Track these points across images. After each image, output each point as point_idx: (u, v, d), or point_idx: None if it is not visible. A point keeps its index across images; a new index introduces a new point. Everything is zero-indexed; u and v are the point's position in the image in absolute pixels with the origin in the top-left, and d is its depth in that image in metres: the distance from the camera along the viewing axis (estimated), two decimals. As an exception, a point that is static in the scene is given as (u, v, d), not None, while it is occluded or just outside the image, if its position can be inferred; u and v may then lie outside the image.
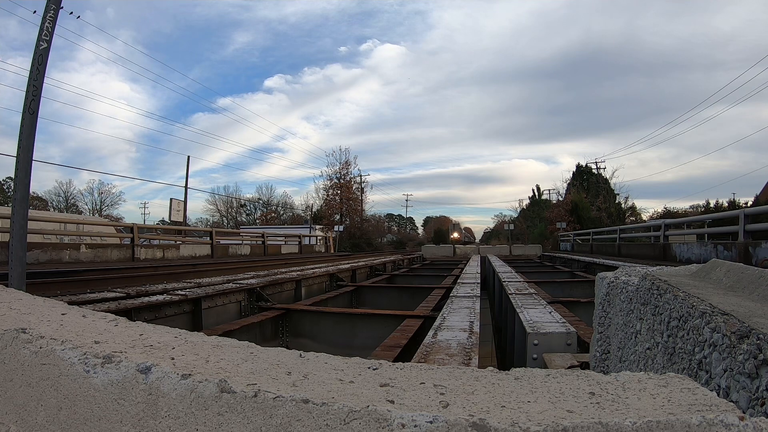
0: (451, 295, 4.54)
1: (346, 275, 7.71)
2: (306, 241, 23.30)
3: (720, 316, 0.82)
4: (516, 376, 0.69)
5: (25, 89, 2.58)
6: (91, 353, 0.75)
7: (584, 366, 2.12)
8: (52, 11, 2.53)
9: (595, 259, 10.11)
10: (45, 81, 2.75)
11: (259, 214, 48.97)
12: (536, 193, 47.08)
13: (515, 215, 50.74)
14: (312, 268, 7.57)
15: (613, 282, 1.53)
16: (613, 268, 1.91)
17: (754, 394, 0.69)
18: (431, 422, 0.53)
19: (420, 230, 64.80)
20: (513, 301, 3.97)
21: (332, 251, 25.73)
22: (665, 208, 35.30)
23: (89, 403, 0.71)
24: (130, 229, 12.67)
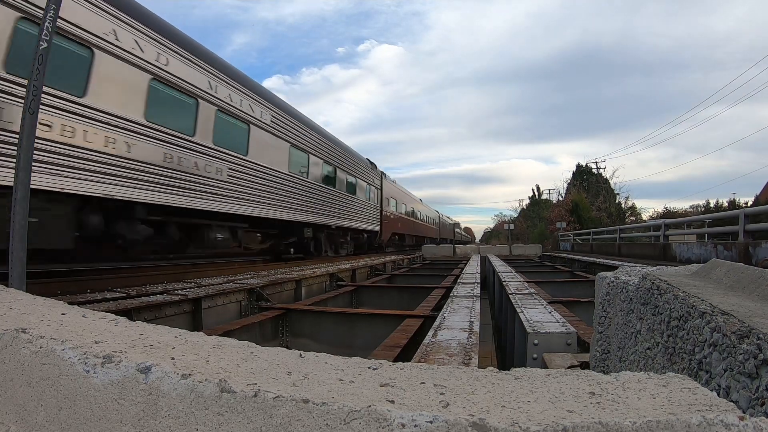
0: (451, 294, 4.54)
1: (346, 275, 7.71)
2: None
3: (720, 315, 0.82)
4: (516, 376, 0.69)
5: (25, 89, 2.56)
6: (91, 353, 0.75)
7: (584, 366, 2.12)
8: (52, 11, 2.53)
9: (595, 259, 10.10)
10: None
11: (258, 214, 48.49)
12: (536, 193, 47.06)
13: (515, 215, 50.70)
14: (312, 268, 7.58)
15: (613, 282, 1.53)
16: (613, 268, 1.91)
17: (754, 394, 0.69)
18: (431, 422, 0.53)
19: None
20: (513, 300, 3.97)
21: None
22: (665, 208, 35.27)
23: (89, 403, 0.71)
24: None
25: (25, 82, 4.25)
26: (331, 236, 11.90)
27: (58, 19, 2.79)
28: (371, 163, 15.87)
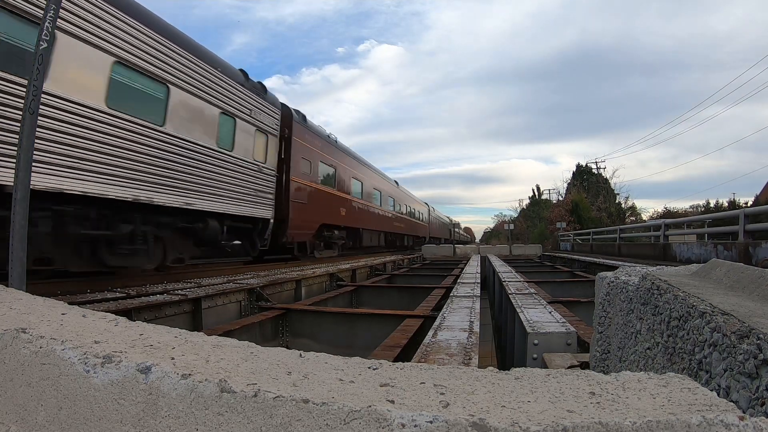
0: (451, 294, 4.54)
1: (346, 275, 7.71)
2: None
3: (720, 316, 0.82)
4: (516, 376, 0.69)
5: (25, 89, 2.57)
6: (91, 353, 0.75)
7: (584, 366, 2.12)
8: (52, 11, 2.53)
9: (595, 259, 10.10)
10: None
11: (258, 214, 48.22)
12: (536, 193, 47.04)
13: (515, 215, 50.68)
14: (312, 268, 7.58)
15: (613, 282, 1.53)
16: (613, 268, 1.91)
17: (754, 394, 0.69)
18: (431, 422, 0.53)
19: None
20: (513, 300, 3.97)
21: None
22: (665, 208, 35.24)
23: (89, 403, 0.71)
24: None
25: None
26: (62, 223, 4.34)
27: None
28: (250, 79, 7.35)
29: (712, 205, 33.87)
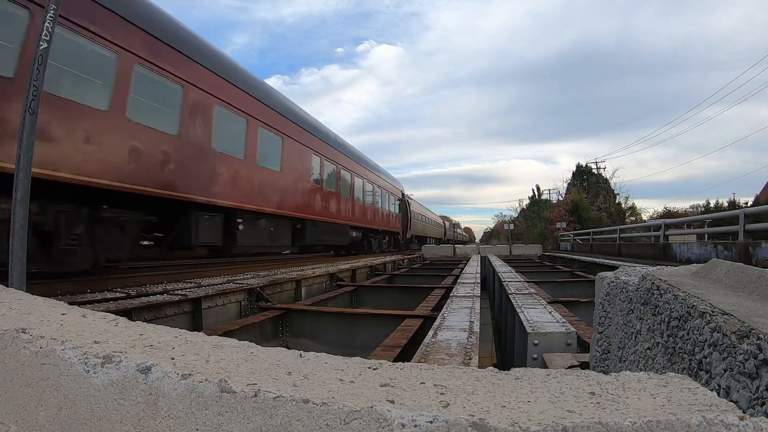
0: (451, 294, 4.53)
1: (346, 275, 7.71)
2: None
3: (720, 315, 0.82)
4: (516, 376, 0.69)
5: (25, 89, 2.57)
6: (91, 353, 0.75)
7: (584, 366, 2.12)
8: (52, 11, 2.53)
9: (595, 259, 10.10)
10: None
11: (258, 214, 48.18)
12: (536, 193, 47.03)
13: (515, 215, 50.69)
14: (312, 268, 7.58)
15: (613, 282, 1.52)
16: (613, 268, 1.91)
17: (754, 394, 0.69)
18: (431, 422, 0.53)
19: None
20: (513, 300, 3.97)
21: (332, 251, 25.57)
22: (665, 208, 35.19)
23: (89, 403, 0.71)
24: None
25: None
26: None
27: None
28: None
29: (712, 205, 33.83)
